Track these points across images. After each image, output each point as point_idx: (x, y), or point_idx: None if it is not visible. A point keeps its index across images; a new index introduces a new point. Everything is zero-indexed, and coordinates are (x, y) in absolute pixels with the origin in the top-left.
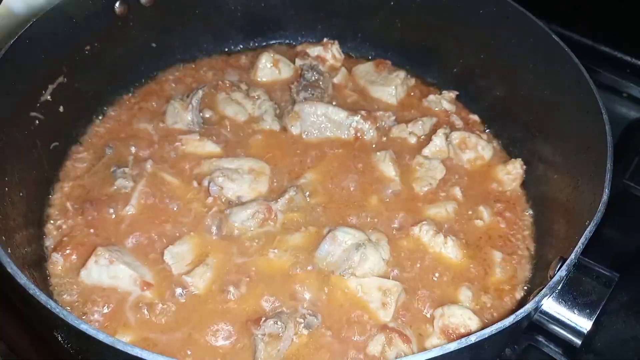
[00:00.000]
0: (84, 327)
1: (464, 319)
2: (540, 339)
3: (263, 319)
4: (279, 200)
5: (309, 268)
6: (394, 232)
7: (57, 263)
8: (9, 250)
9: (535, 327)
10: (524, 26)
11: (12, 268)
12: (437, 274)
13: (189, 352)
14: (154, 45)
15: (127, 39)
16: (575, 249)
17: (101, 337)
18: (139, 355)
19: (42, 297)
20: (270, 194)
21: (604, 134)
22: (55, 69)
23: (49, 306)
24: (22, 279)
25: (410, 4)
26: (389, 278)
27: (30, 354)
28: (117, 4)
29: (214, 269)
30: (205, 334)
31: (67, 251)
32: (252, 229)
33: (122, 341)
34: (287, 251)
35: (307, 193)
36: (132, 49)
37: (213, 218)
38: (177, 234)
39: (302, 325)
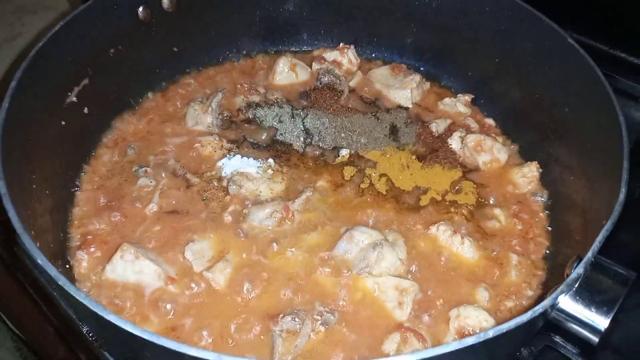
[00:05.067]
0: (111, 317)
1: (479, 321)
2: (557, 339)
3: (281, 315)
4: (296, 200)
5: (326, 267)
6: (411, 232)
7: (82, 260)
8: (38, 245)
9: (552, 326)
10: (540, 29)
11: (42, 260)
12: (453, 275)
13: (208, 346)
14: (175, 49)
15: (150, 43)
16: (592, 246)
17: (129, 327)
18: (166, 345)
19: (72, 288)
20: (287, 194)
21: (620, 135)
22: (81, 71)
23: (78, 297)
24: (53, 270)
25: (426, 9)
26: (406, 278)
27: (54, 348)
28: (140, 9)
29: (233, 265)
30: (224, 329)
31: (92, 249)
32: (270, 227)
33: (149, 331)
34: (304, 250)
35: (324, 194)
36: (154, 53)
37: (232, 217)
38: (197, 232)
39: (319, 322)
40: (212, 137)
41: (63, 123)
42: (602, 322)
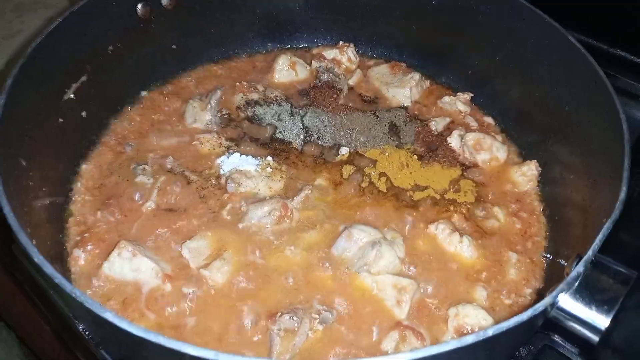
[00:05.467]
0: (107, 315)
1: (478, 320)
2: (557, 338)
3: (279, 314)
4: (295, 198)
5: (325, 265)
6: (410, 230)
7: (79, 258)
8: (34, 242)
9: (551, 325)
10: (540, 28)
11: (38, 258)
12: (452, 273)
13: (205, 345)
14: (174, 47)
15: (149, 41)
16: (593, 245)
17: (126, 326)
18: (163, 343)
19: (68, 286)
20: (286, 192)
21: (622, 133)
22: (79, 68)
23: (74, 295)
24: (49, 268)
25: (426, 7)
26: (404, 276)
27: (51, 347)
28: (139, 6)
29: (231, 263)
30: (222, 327)
31: (89, 247)
32: (268, 225)
33: (146, 329)
34: (303, 248)
35: (322, 192)
36: (153, 50)
37: (230, 214)
38: (195, 230)
39: (317, 320)
40: (211, 135)
41: (61, 120)
42: (602, 321)
